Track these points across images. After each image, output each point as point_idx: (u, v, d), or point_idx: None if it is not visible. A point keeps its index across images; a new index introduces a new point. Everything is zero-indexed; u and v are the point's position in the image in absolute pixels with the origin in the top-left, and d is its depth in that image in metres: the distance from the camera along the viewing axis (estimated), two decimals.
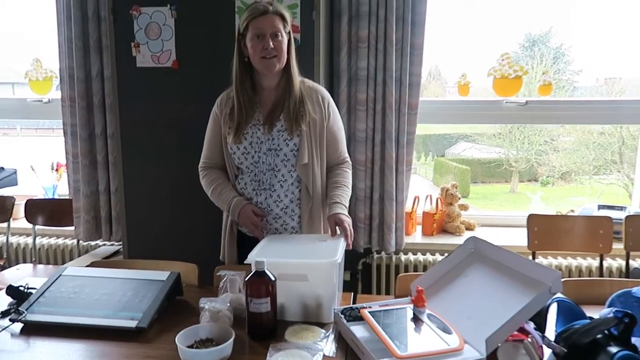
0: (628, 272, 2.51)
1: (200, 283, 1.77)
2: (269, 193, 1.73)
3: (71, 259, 2.94)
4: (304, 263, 1.45)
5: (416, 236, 2.88)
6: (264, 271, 1.34)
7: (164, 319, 1.46)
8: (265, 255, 1.60)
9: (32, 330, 1.41)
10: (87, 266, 2.49)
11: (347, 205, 1.75)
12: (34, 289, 1.56)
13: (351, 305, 1.44)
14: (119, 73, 2.36)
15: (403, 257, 2.71)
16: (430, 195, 2.98)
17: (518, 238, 2.78)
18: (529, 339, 1.16)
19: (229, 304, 1.37)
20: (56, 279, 1.58)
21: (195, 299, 1.60)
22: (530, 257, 2.58)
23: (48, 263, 3.01)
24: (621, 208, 2.88)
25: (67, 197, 2.95)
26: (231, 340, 1.22)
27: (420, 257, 2.71)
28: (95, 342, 1.34)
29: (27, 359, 1.28)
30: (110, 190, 2.78)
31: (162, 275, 1.58)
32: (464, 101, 2.92)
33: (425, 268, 2.68)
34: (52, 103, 3.10)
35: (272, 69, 1.66)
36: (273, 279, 1.35)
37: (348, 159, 1.85)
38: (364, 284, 2.76)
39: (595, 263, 2.61)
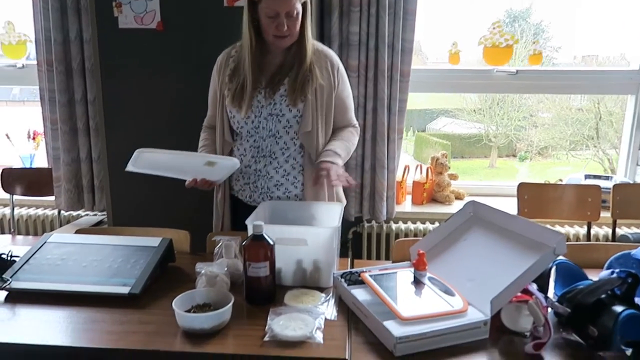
0: (614, 240, 2.54)
1: (192, 251, 1.72)
2: (269, 160, 1.66)
3: (52, 229, 2.85)
4: (303, 228, 1.41)
5: (406, 205, 2.86)
6: (262, 235, 1.30)
7: (157, 285, 1.41)
8: (263, 220, 1.56)
9: (17, 298, 1.35)
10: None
11: (343, 157, 1.65)
12: (17, 256, 1.49)
13: (350, 270, 1.41)
14: (100, 35, 2.24)
15: (394, 225, 2.69)
16: (420, 165, 2.96)
17: (507, 207, 2.78)
18: (533, 300, 1.15)
19: (226, 269, 1.32)
20: (41, 246, 1.51)
21: (188, 265, 1.56)
22: None
23: (28, 234, 2.91)
24: (607, 177, 2.91)
25: (46, 167, 2.84)
26: (230, 304, 1.19)
27: (410, 225, 2.70)
28: (85, 309, 1.28)
29: (13, 328, 1.22)
30: (92, 158, 2.68)
31: (154, 241, 1.53)
32: (455, 70, 2.88)
33: (416, 237, 2.66)
34: (27, 68, 2.95)
35: (283, 46, 1.59)
36: (272, 243, 1.31)
37: (356, 124, 1.79)
38: (355, 252, 2.74)
39: (582, 231, 2.64)
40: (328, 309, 1.28)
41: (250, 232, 1.38)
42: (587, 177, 2.92)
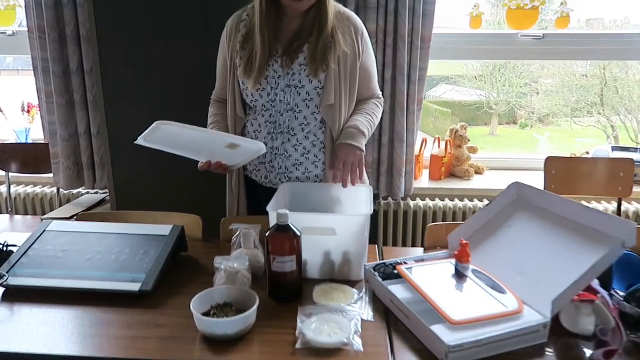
0: None
1: (204, 237, 1.57)
2: (287, 137, 1.49)
3: (51, 209, 2.70)
4: (332, 216, 1.27)
5: (422, 181, 2.71)
6: (287, 225, 1.16)
7: (169, 279, 1.27)
8: (285, 206, 1.42)
9: (16, 295, 1.21)
10: (73, 219, 2.28)
11: (367, 134, 1.48)
12: (15, 246, 1.35)
13: (384, 262, 1.28)
14: None
15: (412, 203, 2.55)
16: (438, 138, 2.79)
17: (531, 182, 2.64)
18: (600, 300, 1.02)
19: (247, 264, 1.18)
20: (40, 236, 1.36)
21: (202, 255, 1.43)
22: None
23: (26, 213, 2.77)
24: (636, 149, 2.76)
25: (43, 142, 2.67)
26: (256, 306, 1.05)
27: (429, 202, 2.56)
28: (91, 309, 1.15)
29: (12, 329, 1.09)
30: (92, 133, 2.51)
31: (164, 229, 1.38)
32: (477, 34, 2.68)
33: (435, 214, 2.54)
34: (18, 36, 2.75)
35: (301, 10, 1.39)
36: (298, 234, 1.16)
37: (380, 95, 1.61)
38: (371, 231, 2.61)
39: (611, 207, 2.51)
40: (363, 308, 1.15)
41: (272, 220, 1.23)
42: (614, 149, 2.77)
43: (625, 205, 2.50)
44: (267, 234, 1.17)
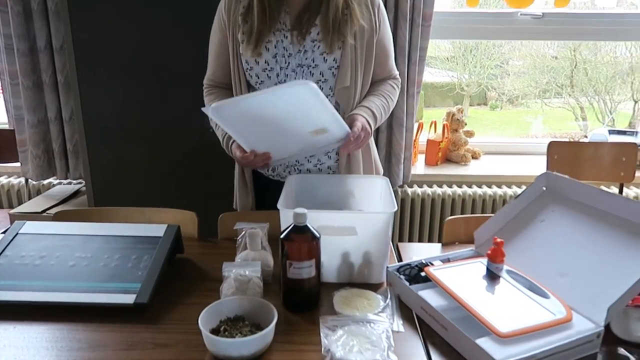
0: None
1: (200, 235, 1.42)
2: None
3: (20, 202, 2.48)
4: (352, 214, 1.14)
5: (418, 167, 2.60)
6: (306, 226, 1.01)
7: (167, 288, 1.12)
8: (295, 202, 1.27)
9: None
10: (50, 213, 2.08)
11: (378, 117, 1.34)
12: None
13: (408, 262, 1.15)
14: None
15: (409, 190, 2.44)
16: (435, 121, 2.68)
17: (530, 167, 2.57)
18: None
19: (259, 270, 1.04)
20: (12, 240, 1.19)
21: (199, 256, 1.28)
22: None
23: None
24: (632, 133, 2.71)
25: (8, 128, 2.43)
26: (274, 321, 0.91)
27: (427, 190, 2.45)
28: (78, 327, 0.99)
29: None
30: (63, 118, 2.29)
31: (158, 229, 1.22)
32: (474, 12, 2.56)
33: (433, 202, 2.44)
34: None
35: None
36: (317, 235, 1.03)
37: (397, 75, 1.47)
38: None
39: None
40: (391, 317, 1.03)
41: (283, 219, 1.09)
42: (611, 132, 2.72)
43: (625, 191, 2.45)
44: (281, 236, 1.02)
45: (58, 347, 0.93)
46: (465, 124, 2.67)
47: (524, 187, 2.46)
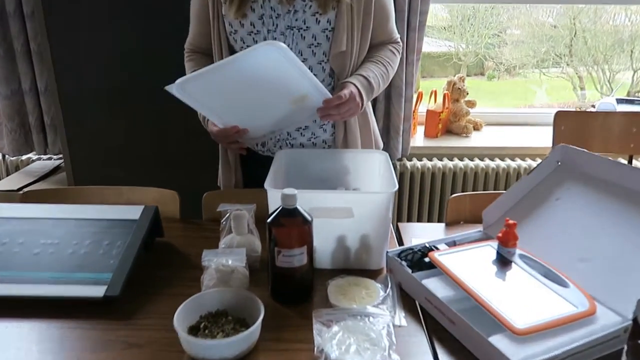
0: None
1: (182, 215, 1.30)
2: None
3: None
4: (348, 194, 1.02)
5: (417, 139, 2.48)
6: (296, 208, 0.90)
7: (143, 277, 1.01)
8: (286, 180, 1.16)
9: None
10: (19, 191, 1.96)
11: (375, 86, 1.20)
12: None
13: (411, 247, 1.04)
14: None
15: (408, 164, 2.32)
16: (435, 91, 2.54)
17: (535, 138, 2.45)
18: None
19: (244, 258, 0.93)
20: None
21: (180, 240, 1.17)
22: None
23: None
24: None
25: None
26: (261, 318, 0.81)
27: (427, 163, 2.33)
28: (41, 324, 0.88)
29: None
30: (39, 89, 2.14)
31: (133, 211, 1.10)
32: None
33: (434, 175, 2.32)
34: None
35: None
36: (309, 219, 0.91)
37: (398, 39, 1.33)
38: None
39: None
40: (392, 309, 0.92)
41: (271, 201, 0.98)
42: (619, 101, 2.59)
43: (634, 163, 2.34)
44: (268, 221, 0.91)
45: (15, 346, 0.83)
46: (467, 94, 2.54)
47: (528, 160, 2.38)
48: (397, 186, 0.99)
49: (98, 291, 0.91)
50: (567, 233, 1.02)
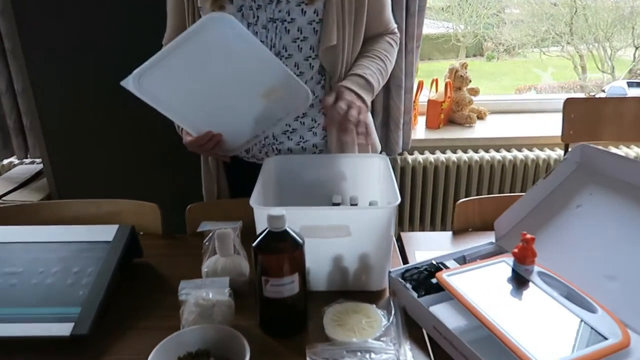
0: None
1: (165, 229, 1.19)
2: None
3: None
4: (345, 210, 0.91)
5: (418, 130, 2.36)
6: (284, 231, 0.79)
7: (115, 306, 0.90)
8: (276, 191, 1.05)
9: None
10: (7, 200, 1.86)
11: (375, 85, 1.09)
12: None
13: (416, 265, 0.93)
14: None
15: (409, 158, 2.20)
16: (436, 79, 2.41)
17: (542, 126, 2.33)
18: None
19: (228, 289, 0.82)
20: None
21: (162, 260, 1.07)
22: (564, 151, 2.15)
23: None
24: None
25: None
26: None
27: (429, 156, 2.21)
28: None
29: None
30: (16, 90, 2.02)
31: (108, 232, 0.99)
32: None
33: (436, 169, 2.21)
34: None
35: None
36: (300, 241, 0.80)
37: (395, 29, 1.21)
38: None
39: (632, 153, 2.22)
40: (397, 340, 0.82)
41: (258, 221, 0.87)
42: (630, 84, 2.47)
43: None
44: (254, 245, 0.80)
45: None
46: (470, 81, 2.41)
47: (536, 150, 2.26)
48: (399, 199, 0.88)
49: (64, 329, 0.81)
50: (590, 246, 0.91)
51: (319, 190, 1.10)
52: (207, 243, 0.95)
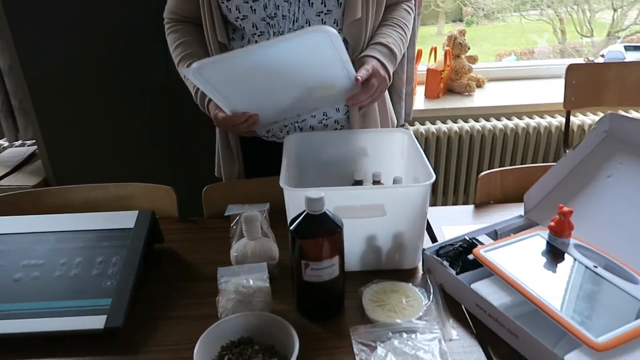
0: None
1: (181, 213, 1.15)
2: None
3: None
4: (379, 189, 0.89)
5: (418, 100, 2.32)
6: (324, 214, 0.76)
7: (144, 297, 0.87)
8: (299, 172, 1.02)
9: None
10: (1, 185, 1.78)
11: (397, 54, 1.06)
12: None
13: (450, 241, 0.92)
14: None
15: (411, 128, 2.18)
16: (435, 48, 2.37)
17: (541, 93, 2.32)
18: None
19: (267, 277, 0.79)
20: None
21: (182, 245, 1.03)
22: (564, 118, 2.15)
23: None
24: None
25: None
26: (296, 350, 0.68)
27: (430, 127, 2.19)
28: None
29: None
30: (2, 70, 1.92)
31: (127, 218, 0.95)
32: None
33: (438, 140, 2.19)
34: None
35: None
36: (340, 225, 0.78)
37: None
38: None
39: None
40: (439, 319, 0.81)
41: (288, 201, 0.84)
42: (628, 48, 2.46)
43: None
44: (291, 229, 0.77)
45: None
46: (469, 48, 2.37)
47: (536, 118, 2.25)
48: (434, 176, 0.86)
49: (97, 322, 0.78)
50: (624, 216, 0.90)
51: (340, 167, 1.08)
52: (234, 227, 0.92)
